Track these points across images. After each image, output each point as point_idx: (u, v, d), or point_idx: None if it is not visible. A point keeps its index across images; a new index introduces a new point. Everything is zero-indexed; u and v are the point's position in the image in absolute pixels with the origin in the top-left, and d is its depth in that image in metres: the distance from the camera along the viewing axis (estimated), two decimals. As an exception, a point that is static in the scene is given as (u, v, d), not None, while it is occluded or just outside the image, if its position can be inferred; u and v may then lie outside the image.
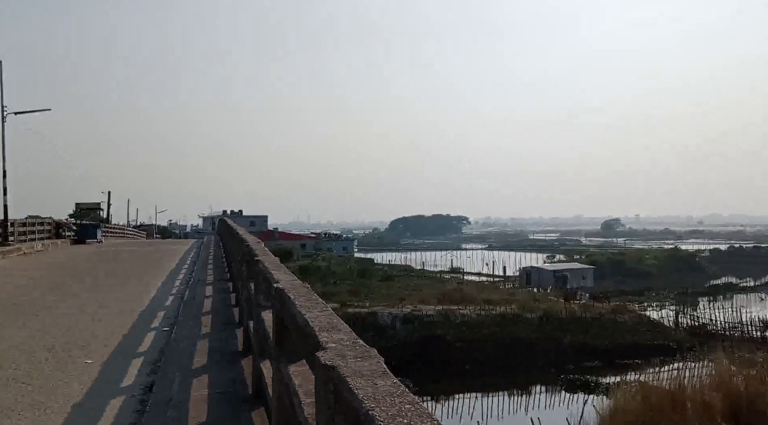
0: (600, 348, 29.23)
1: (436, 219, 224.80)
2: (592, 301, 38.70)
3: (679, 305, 41.99)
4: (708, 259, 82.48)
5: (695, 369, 15.70)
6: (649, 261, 71.20)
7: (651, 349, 28.93)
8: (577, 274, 55.48)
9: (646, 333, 31.34)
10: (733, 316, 35.19)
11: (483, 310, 31.86)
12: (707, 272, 71.65)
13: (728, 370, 11.87)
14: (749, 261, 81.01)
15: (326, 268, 49.87)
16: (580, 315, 32.91)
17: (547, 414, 20.21)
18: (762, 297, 50.96)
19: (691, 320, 36.26)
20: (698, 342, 28.07)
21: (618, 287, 53.43)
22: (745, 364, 14.20)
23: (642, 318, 35.22)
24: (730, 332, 32.39)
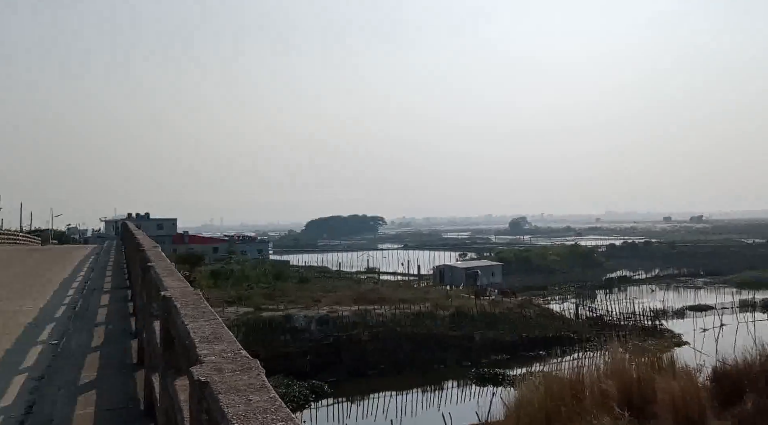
0: (508, 342, 30.40)
1: (353, 219, 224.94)
2: (500, 297, 40.18)
3: (579, 298, 44.55)
4: (605, 254, 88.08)
5: (593, 358, 16.65)
6: (553, 257, 74.98)
7: (554, 341, 30.52)
8: (487, 271, 57.39)
9: (549, 325, 32.96)
10: (627, 307, 37.80)
11: (398, 309, 32.21)
12: (604, 266, 76.49)
13: (622, 358, 12.65)
14: (641, 256, 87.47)
15: (240, 272, 48.47)
16: (489, 310, 34.07)
17: (458, 408, 20.71)
18: (652, 288, 55.08)
19: (590, 312, 38.56)
20: (596, 332, 29.84)
21: (524, 282, 55.93)
22: (637, 352, 15.21)
23: (546, 311, 37.01)
24: (624, 322, 34.72)
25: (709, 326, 34.36)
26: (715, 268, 67.49)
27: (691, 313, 39.67)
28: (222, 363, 1.92)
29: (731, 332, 30.74)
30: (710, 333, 32.38)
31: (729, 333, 30.46)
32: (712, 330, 32.94)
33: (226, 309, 30.46)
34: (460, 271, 56.13)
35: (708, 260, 77.43)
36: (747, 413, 10.68)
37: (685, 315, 39.33)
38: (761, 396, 11.20)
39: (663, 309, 39.55)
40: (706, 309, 40.69)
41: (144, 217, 79.16)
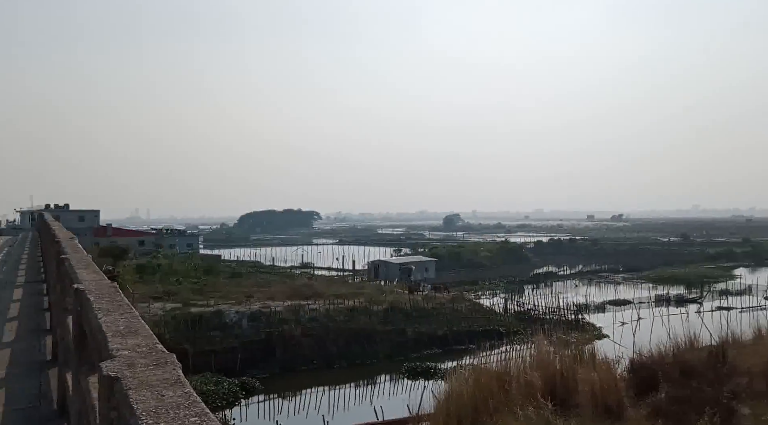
0: (440, 336, 30.97)
1: (287, 214, 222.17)
2: (433, 292, 40.85)
3: (508, 292, 45.94)
4: (532, 251, 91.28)
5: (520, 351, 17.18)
6: (484, 254, 76.95)
7: (484, 334, 31.28)
8: (421, 267, 58.19)
9: (479, 319, 33.83)
10: (553, 302, 39.34)
11: (332, 305, 32.12)
12: (532, 262, 79.25)
13: (547, 351, 13.11)
14: (566, 252, 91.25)
15: (168, 266, 46.85)
16: (423, 305, 34.57)
17: (390, 402, 20.90)
18: (576, 284, 57.56)
19: (518, 306, 39.87)
20: (523, 325, 30.80)
21: (457, 278, 57.10)
22: (561, 345, 15.81)
23: (476, 306, 37.98)
24: (550, 316, 36.08)
25: (628, 320, 36.28)
26: (634, 264, 71.30)
27: (611, 307, 41.71)
28: (135, 358, 1.81)
29: (648, 325, 32.59)
30: (628, 326, 34.16)
31: (645, 326, 32.28)
32: (630, 324, 34.78)
33: (153, 305, 29.39)
34: (395, 267, 56.63)
35: (627, 257, 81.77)
36: (661, 402, 11.34)
37: (606, 309, 41.31)
38: (674, 385, 11.92)
39: (585, 304, 41.39)
40: (625, 304, 42.90)
41: (63, 208, 74.95)
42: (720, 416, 9.55)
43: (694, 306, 42.26)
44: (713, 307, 40.95)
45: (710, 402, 10.28)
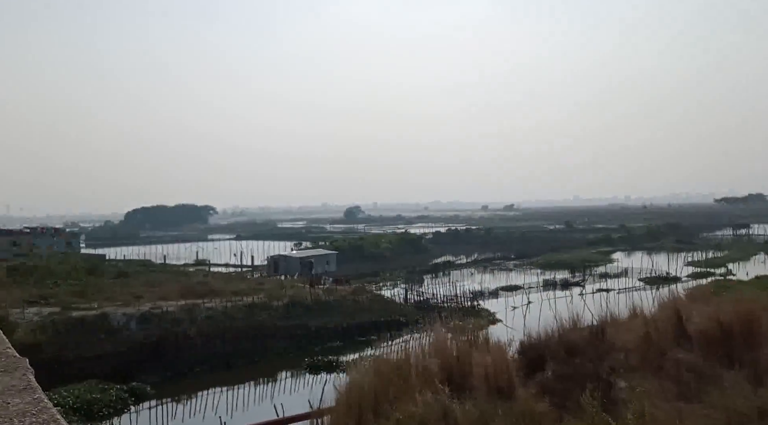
0: (342, 329, 31.04)
1: (180, 209, 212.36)
2: (335, 285, 40.85)
3: (408, 283, 46.95)
4: (431, 241, 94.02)
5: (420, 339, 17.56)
6: (385, 245, 78.12)
7: (385, 325, 31.81)
8: (322, 260, 57.97)
9: (381, 310, 34.29)
10: (450, 290, 40.71)
11: (230, 302, 31.15)
12: (431, 252, 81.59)
13: (444, 338, 13.48)
14: (463, 241, 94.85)
15: (44, 268, 43.16)
16: (324, 299, 34.45)
17: (291, 398, 20.61)
18: (472, 272, 59.97)
19: (418, 295, 40.86)
20: (423, 314, 31.57)
21: (358, 270, 57.47)
22: (458, 331, 16.31)
23: (378, 297, 38.46)
24: (447, 303, 37.31)
25: (519, 304, 38.32)
26: (524, 251, 75.48)
27: (504, 293, 43.86)
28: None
29: (537, 308, 34.54)
30: (519, 310, 36.10)
31: (535, 310, 34.20)
32: (521, 308, 36.76)
33: (28, 310, 26.97)
34: (295, 261, 55.98)
35: (518, 244, 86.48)
36: (548, 379, 12.03)
37: (499, 295, 43.38)
38: (560, 364, 12.68)
39: (481, 291, 43.22)
40: (516, 289, 45.33)
41: None
42: (600, 390, 10.25)
43: (577, 288, 45.43)
44: (594, 289, 44.25)
45: (591, 377, 11.03)
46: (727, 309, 14.55)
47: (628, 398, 10.10)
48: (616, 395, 10.89)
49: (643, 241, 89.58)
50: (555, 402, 10.34)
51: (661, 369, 12.18)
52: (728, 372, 11.08)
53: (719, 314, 14.08)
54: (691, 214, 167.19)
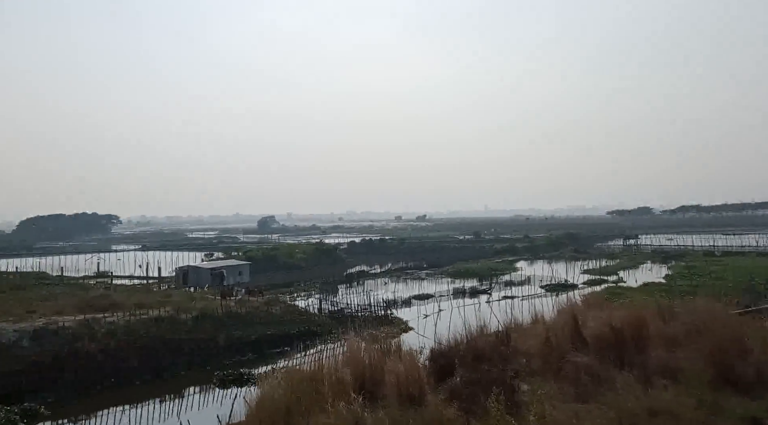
0: (254, 341, 30.36)
1: (80, 218, 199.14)
2: (247, 296, 39.90)
3: (323, 293, 46.73)
4: (346, 251, 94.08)
5: (334, 349, 17.60)
6: (299, 255, 77.26)
7: (299, 336, 31.50)
8: (234, 271, 56.43)
9: (295, 321, 33.90)
10: (364, 299, 40.98)
11: (134, 316, 29.63)
12: (346, 262, 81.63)
13: (358, 347, 13.62)
14: (377, 251, 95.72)
15: None
16: (236, 310, 33.57)
17: (199, 414, 19.92)
18: (386, 281, 60.58)
19: (332, 305, 40.78)
20: (337, 324, 31.57)
21: (272, 280, 56.51)
22: (371, 340, 16.52)
23: (292, 308, 37.99)
24: (361, 313, 37.50)
25: (430, 312, 39.21)
26: (436, 261, 77.30)
27: (416, 302, 44.69)
28: None
29: (447, 316, 35.48)
30: (431, 318, 36.92)
31: (445, 317, 35.10)
32: (433, 316, 37.63)
33: None
34: (206, 272, 54.10)
35: (430, 254, 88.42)
36: (457, 385, 12.47)
37: (412, 303, 44.15)
38: (468, 369, 13.18)
39: (394, 300, 43.80)
40: (428, 298, 46.31)
41: None
42: (504, 394, 10.78)
43: (485, 296, 47.11)
44: (500, 297, 46.07)
45: (497, 382, 11.57)
46: (619, 314, 15.74)
47: (530, 401, 10.69)
48: (520, 398, 11.47)
49: (545, 251, 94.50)
50: (463, 407, 10.75)
51: (560, 372, 12.96)
52: (620, 374, 11.96)
53: (612, 319, 15.20)
54: (587, 226, 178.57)
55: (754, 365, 13.69)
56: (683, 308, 18.07)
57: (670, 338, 15.12)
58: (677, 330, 15.67)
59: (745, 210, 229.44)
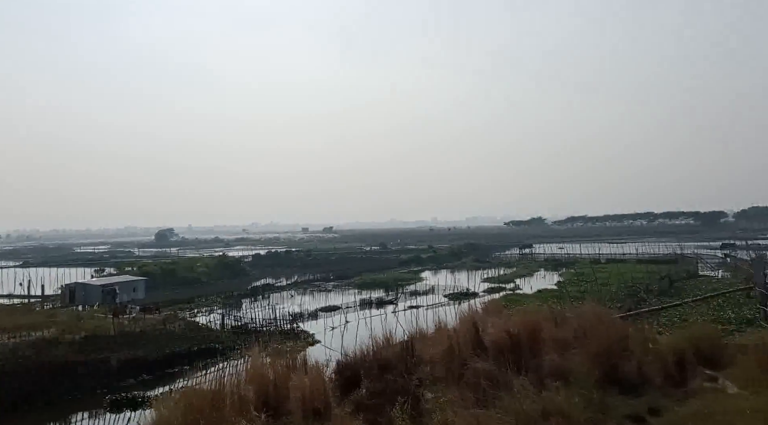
0: (151, 361, 28.70)
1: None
2: (143, 314, 37.81)
3: (226, 308, 45.21)
4: (251, 264, 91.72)
5: (236, 366, 17.06)
6: (201, 269, 74.31)
7: (200, 353, 30.18)
8: (128, 287, 53.30)
9: (195, 338, 32.48)
10: (270, 313, 40.09)
11: (13, 338, 27.11)
12: (250, 275, 79.52)
13: (262, 363, 13.28)
14: (283, 264, 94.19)
15: None
16: (130, 329, 31.68)
17: (89, 442, 18.51)
18: (292, 294, 59.66)
19: (236, 320, 39.54)
20: (241, 340, 30.65)
21: (171, 296, 53.86)
22: (276, 355, 16.19)
23: (192, 324, 36.43)
24: (267, 327, 36.67)
25: (337, 324, 39.06)
26: (343, 272, 77.28)
27: (323, 314, 44.36)
28: None
29: (354, 328, 35.52)
30: (338, 330, 36.79)
31: (352, 329, 35.14)
32: (339, 328, 37.52)
33: None
34: (95, 288, 50.62)
35: (337, 265, 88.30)
36: (363, 397, 12.48)
37: (318, 316, 43.77)
38: (373, 380, 13.24)
39: (300, 313, 43.22)
40: (335, 309, 46.13)
41: None
42: (409, 403, 10.94)
43: (391, 306, 47.68)
44: (406, 307, 46.82)
45: (402, 391, 11.72)
46: (516, 320, 16.52)
47: (433, 408, 10.93)
48: (423, 407, 11.70)
49: (448, 260, 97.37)
50: (369, 418, 10.78)
51: (462, 378, 13.35)
52: (517, 378, 12.51)
53: (509, 325, 15.92)
54: (486, 236, 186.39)
55: (636, 365, 14.88)
56: (573, 313, 19.30)
57: (562, 341, 16.07)
58: (568, 333, 16.69)
59: (626, 220, 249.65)
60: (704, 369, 15.58)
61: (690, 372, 14.91)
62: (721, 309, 33.25)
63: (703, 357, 16.14)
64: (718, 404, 11.48)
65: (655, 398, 12.99)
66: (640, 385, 13.94)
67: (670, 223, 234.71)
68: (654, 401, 12.75)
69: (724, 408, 11.02)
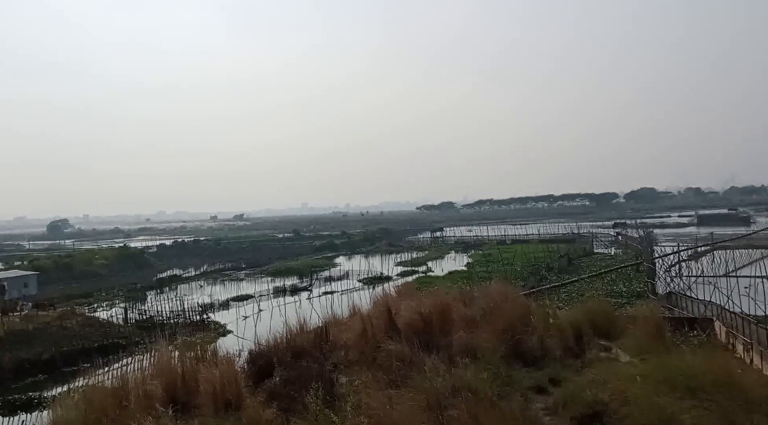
0: (45, 360, 26.86)
1: None
2: (35, 310, 35.20)
3: (129, 301, 43.04)
4: (156, 255, 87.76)
5: (142, 361, 16.29)
6: (100, 262, 70.17)
7: (101, 350, 28.55)
8: (18, 282, 49.39)
9: (95, 334, 30.73)
10: (177, 305, 38.58)
11: None
12: (155, 267, 76.11)
13: (169, 356, 12.73)
14: (191, 254, 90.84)
15: None
16: (21, 327, 29.44)
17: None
18: (201, 284, 57.76)
19: (141, 314, 37.75)
20: (146, 334, 29.32)
21: (67, 291, 50.52)
22: (185, 347, 15.60)
23: (91, 320, 34.40)
24: (174, 320, 35.29)
25: (250, 313, 38.31)
26: (255, 260, 75.78)
27: (235, 304, 43.35)
28: None
29: (268, 316, 34.99)
30: (251, 319, 36.09)
31: (266, 318, 34.60)
32: (252, 317, 36.82)
33: None
34: (-20, 286, 46.45)
35: (249, 253, 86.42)
36: (276, 385, 12.30)
37: (230, 306, 42.74)
38: (287, 368, 13.08)
39: (211, 303, 41.97)
40: (248, 298, 45.23)
41: None
42: (323, 388, 10.92)
43: (305, 293, 47.42)
44: (321, 293, 46.75)
45: (316, 377, 11.66)
46: (428, 302, 16.89)
47: (347, 392, 10.96)
48: (338, 390, 11.71)
49: (362, 246, 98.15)
50: (283, 406, 10.65)
51: (375, 361, 13.50)
52: (429, 357, 12.81)
53: (421, 307, 16.26)
54: (399, 220, 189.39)
55: (538, 339, 15.73)
56: (481, 292, 20.04)
57: (471, 320, 16.66)
58: (476, 312, 17.32)
59: (529, 202, 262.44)
60: (599, 341, 16.75)
61: (587, 343, 15.96)
62: (614, 283, 35.91)
63: (599, 329, 17.35)
64: (612, 372, 12.36)
65: (556, 369, 13.80)
66: (542, 358, 14.75)
67: (568, 205, 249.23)
68: (555, 372, 13.54)
69: (617, 375, 11.88)
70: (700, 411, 9.63)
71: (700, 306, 22.89)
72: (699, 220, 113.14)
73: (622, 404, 9.95)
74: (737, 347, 15.66)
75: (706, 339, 16.89)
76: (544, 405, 11.67)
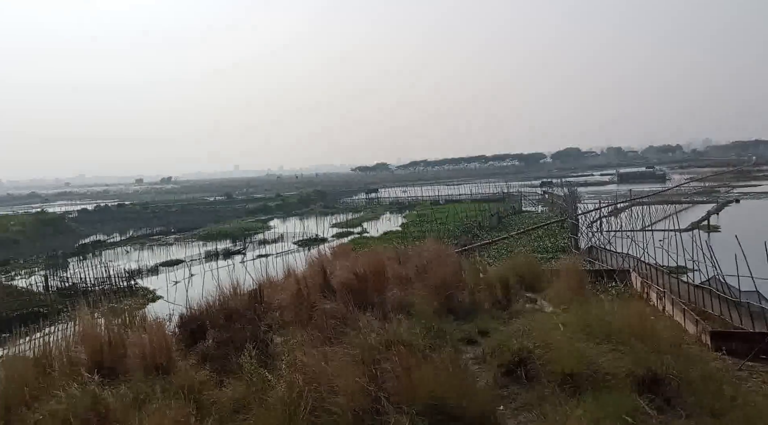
0: (-42, 334, 25.32)
1: None
2: (-56, 281, 32.95)
3: (49, 268, 40.98)
4: (77, 220, 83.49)
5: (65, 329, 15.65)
6: (16, 228, 66.15)
7: (20, 319, 27.15)
8: None
9: (13, 303, 29.20)
10: (102, 272, 37.10)
11: None
12: (77, 232, 72.50)
13: (94, 323, 12.31)
14: (115, 218, 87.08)
15: None
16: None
17: None
18: (127, 250, 55.61)
19: (62, 282, 36.11)
20: (69, 302, 28.12)
21: (-20, 261, 47.46)
22: (111, 314, 15.11)
23: (9, 289, 32.66)
24: (99, 287, 33.97)
25: (181, 278, 37.38)
26: (185, 225, 73.55)
27: (164, 269, 42.11)
28: None
29: (200, 281, 34.27)
30: (182, 284, 35.25)
31: (198, 282, 33.85)
32: (183, 282, 35.95)
33: None
34: None
35: (178, 218, 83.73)
36: (209, 348, 12.18)
37: (159, 271, 41.48)
38: (220, 331, 12.95)
39: (138, 269, 40.61)
40: (178, 263, 44.00)
41: None
42: (258, 348, 10.90)
43: (239, 257, 46.68)
44: (255, 256, 46.13)
45: (250, 338, 11.62)
46: (363, 261, 17.06)
47: (282, 351, 11.01)
48: (273, 350, 11.75)
49: (297, 208, 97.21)
50: (216, 368, 10.58)
51: (311, 320, 13.59)
52: (364, 315, 13.03)
53: (356, 266, 16.41)
54: (334, 182, 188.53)
55: (469, 294, 16.28)
56: (415, 251, 20.43)
57: (405, 278, 17.02)
58: (410, 270, 17.69)
59: (462, 163, 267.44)
60: (526, 293, 17.56)
61: (514, 296, 16.70)
62: (541, 239, 37.46)
63: (525, 282, 18.16)
64: (537, 321, 13.03)
65: (485, 321, 14.39)
66: (473, 312, 15.33)
67: (498, 165, 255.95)
68: (484, 324, 14.12)
69: (541, 324, 12.52)
70: (616, 354, 10.34)
71: (618, 259, 24.30)
72: (619, 178, 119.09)
73: (545, 351, 10.52)
74: (651, 296, 16.81)
75: (623, 289, 18.03)
76: (474, 355, 12.19)
